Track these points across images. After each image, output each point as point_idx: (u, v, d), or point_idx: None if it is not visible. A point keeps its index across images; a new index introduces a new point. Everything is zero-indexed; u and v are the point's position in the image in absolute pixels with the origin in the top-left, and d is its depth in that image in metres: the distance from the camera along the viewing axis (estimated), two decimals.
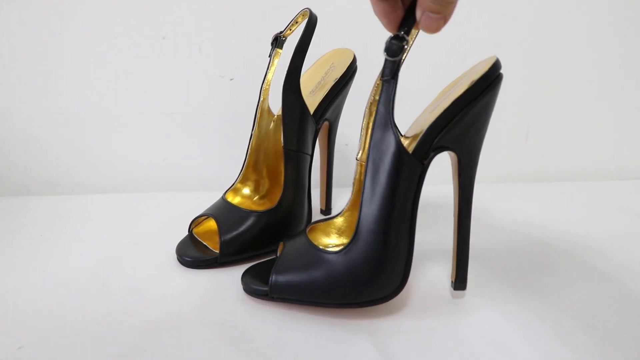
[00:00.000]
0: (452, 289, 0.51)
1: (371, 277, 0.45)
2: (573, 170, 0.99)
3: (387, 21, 0.42)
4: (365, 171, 0.45)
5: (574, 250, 0.62)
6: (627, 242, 0.65)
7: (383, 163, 0.44)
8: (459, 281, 0.49)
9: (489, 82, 0.45)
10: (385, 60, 0.43)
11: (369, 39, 0.78)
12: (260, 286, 0.49)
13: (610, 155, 0.99)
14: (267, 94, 0.65)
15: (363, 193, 0.45)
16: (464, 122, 0.45)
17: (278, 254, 0.52)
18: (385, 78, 0.44)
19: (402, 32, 0.42)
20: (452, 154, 0.47)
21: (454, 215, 0.49)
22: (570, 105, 0.95)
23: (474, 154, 0.48)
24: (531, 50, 0.90)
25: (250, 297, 0.50)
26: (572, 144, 0.97)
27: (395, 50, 0.42)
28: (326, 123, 0.68)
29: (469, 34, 0.87)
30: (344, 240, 0.54)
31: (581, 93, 0.94)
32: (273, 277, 0.47)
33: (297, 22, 0.64)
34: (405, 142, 0.47)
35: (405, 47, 0.42)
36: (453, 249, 0.50)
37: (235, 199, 0.65)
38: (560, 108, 0.95)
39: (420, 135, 0.45)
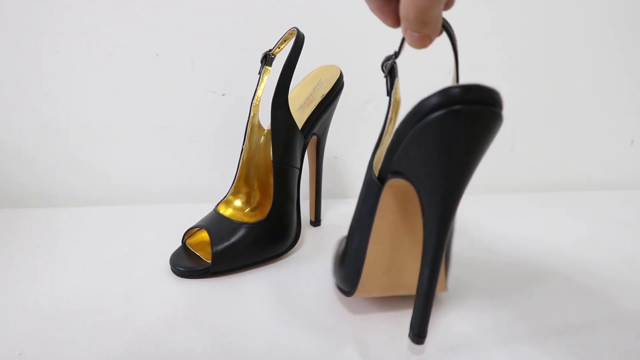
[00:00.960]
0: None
1: (339, 267, 0.50)
2: (558, 180, 1.01)
3: (383, 16, 0.39)
4: None
5: (558, 261, 0.63)
6: (612, 253, 0.66)
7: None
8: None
9: (437, 106, 0.34)
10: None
11: (356, 55, 0.80)
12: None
13: (596, 165, 1.01)
14: (257, 110, 0.68)
15: None
16: (406, 144, 0.38)
17: None
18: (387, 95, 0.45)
19: (394, 51, 0.43)
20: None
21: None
22: (556, 115, 0.97)
23: (435, 192, 0.37)
24: (516, 59, 0.93)
25: (240, 305, 0.52)
26: (558, 154, 0.99)
27: (383, 68, 0.44)
28: (314, 137, 0.70)
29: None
30: None
31: (567, 103, 0.96)
32: None
33: (285, 41, 0.66)
34: None
35: (394, 61, 0.43)
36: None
37: (227, 211, 0.67)
38: (546, 118, 0.97)
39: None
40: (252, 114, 0.67)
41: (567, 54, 0.93)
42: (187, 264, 0.59)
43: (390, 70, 0.45)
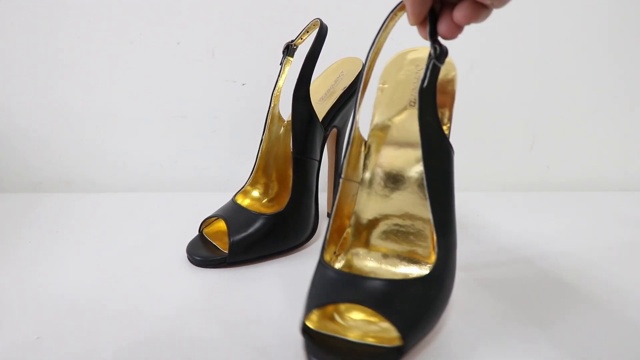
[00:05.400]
0: None
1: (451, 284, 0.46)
2: (578, 180, 0.99)
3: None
4: (435, 188, 0.44)
5: (571, 262, 0.62)
6: (628, 254, 0.65)
7: (445, 169, 0.45)
8: None
9: None
10: (435, 67, 0.42)
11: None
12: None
13: (617, 165, 0.99)
14: (278, 100, 0.67)
15: (442, 213, 0.45)
16: None
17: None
18: (433, 86, 0.43)
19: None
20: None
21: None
22: (577, 114, 0.95)
23: None
24: (538, 58, 0.91)
25: (256, 296, 0.52)
26: (578, 153, 0.98)
27: (445, 56, 0.42)
28: (334, 130, 0.70)
29: (474, 41, 0.88)
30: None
31: (588, 102, 0.95)
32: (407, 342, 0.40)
33: (308, 32, 0.65)
34: None
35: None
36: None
37: (244, 201, 0.67)
38: (567, 117, 0.95)
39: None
40: (272, 105, 0.67)
41: (591, 52, 0.92)
42: (203, 254, 0.59)
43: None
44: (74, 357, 0.42)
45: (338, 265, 0.50)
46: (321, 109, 0.66)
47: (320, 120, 0.64)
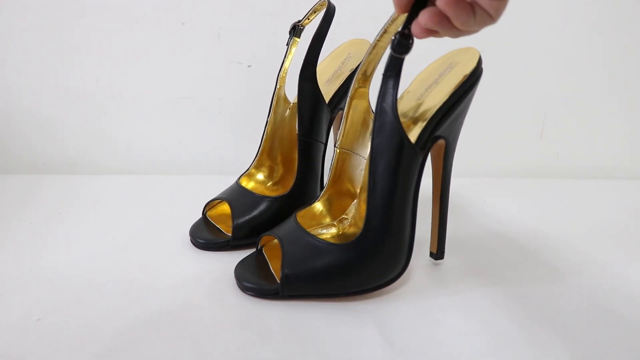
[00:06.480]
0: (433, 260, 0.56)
1: (382, 265, 0.47)
2: (587, 167, 0.98)
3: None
4: (370, 165, 0.46)
5: (578, 249, 0.62)
6: (624, 241, 0.65)
7: (389, 156, 0.46)
8: (440, 252, 0.55)
9: (478, 74, 0.51)
10: (391, 56, 0.43)
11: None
12: (268, 285, 0.48)
13: (627, 154, 0.98)
14: (284, 82, 0.66)
15: (370, 186, 0.46)
16: (457, 112, 0.50)
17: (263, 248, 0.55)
18: (390, 74, 0.44)
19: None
20: (442, 141, 0.50)
21: (435, 198, 0.54)
22: (587, 102, 0.94)
23: (456, 140, 0.53)
24: (548, 46, 0.90)
25: None
26: (588, 141, 0.97)
27: (404, 48, 0.42)
28: (341, 112, 0.69)
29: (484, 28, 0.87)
30: (329, 225, 0.55)
31: (598, 90, 0.94)
32: (285, 272, 0.47)
33: (315, 12, 0.64)
34: None
35: (412, 45, 0.42)
36: (433, 227, 0.54)
37: (249, 184, 0.66)
38: (577, 104, 0.94)
39: (422, 125, 0.48)
40: (278, 86, 0.66)
41: (602, 40, 0.90)
42: (207, 236, 0.59)
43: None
44: (75, 339, 0.41)
45: (341, 227, 0.55)
46: (328, 91, 0.65)
47: (327, 102, 0.63)
